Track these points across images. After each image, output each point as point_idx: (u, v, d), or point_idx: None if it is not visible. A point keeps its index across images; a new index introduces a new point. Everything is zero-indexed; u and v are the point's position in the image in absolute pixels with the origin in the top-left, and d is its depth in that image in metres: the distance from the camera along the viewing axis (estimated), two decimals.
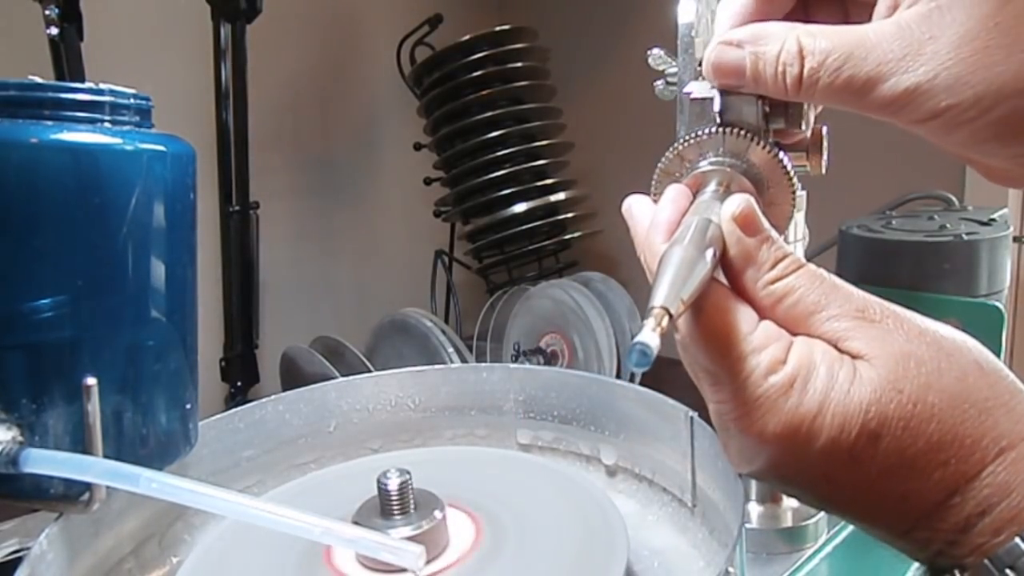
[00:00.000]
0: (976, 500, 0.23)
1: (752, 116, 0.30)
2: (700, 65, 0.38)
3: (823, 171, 0.33)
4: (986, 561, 0.23)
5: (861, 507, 0.25)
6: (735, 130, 0.30)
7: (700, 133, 0.31)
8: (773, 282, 0.26)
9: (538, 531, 0.37)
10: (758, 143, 0.30)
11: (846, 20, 0.30)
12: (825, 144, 0.33)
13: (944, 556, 0.24)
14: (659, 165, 0.32)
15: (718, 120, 0.31)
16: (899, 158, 1.22)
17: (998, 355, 0.50)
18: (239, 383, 1.06)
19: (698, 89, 0.31)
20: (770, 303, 0.26)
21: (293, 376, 0.97)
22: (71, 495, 0.33)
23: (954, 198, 0.67)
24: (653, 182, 0.32)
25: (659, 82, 0.40)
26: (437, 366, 0.49)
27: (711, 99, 0.31)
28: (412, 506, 0.35)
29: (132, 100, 0.34)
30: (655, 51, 0.40)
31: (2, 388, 0.32)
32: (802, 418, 0.24)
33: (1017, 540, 0.22)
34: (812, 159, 0.33)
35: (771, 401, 0.24)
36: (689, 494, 0.40)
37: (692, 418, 0.38)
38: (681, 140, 0.31)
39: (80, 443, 0.32)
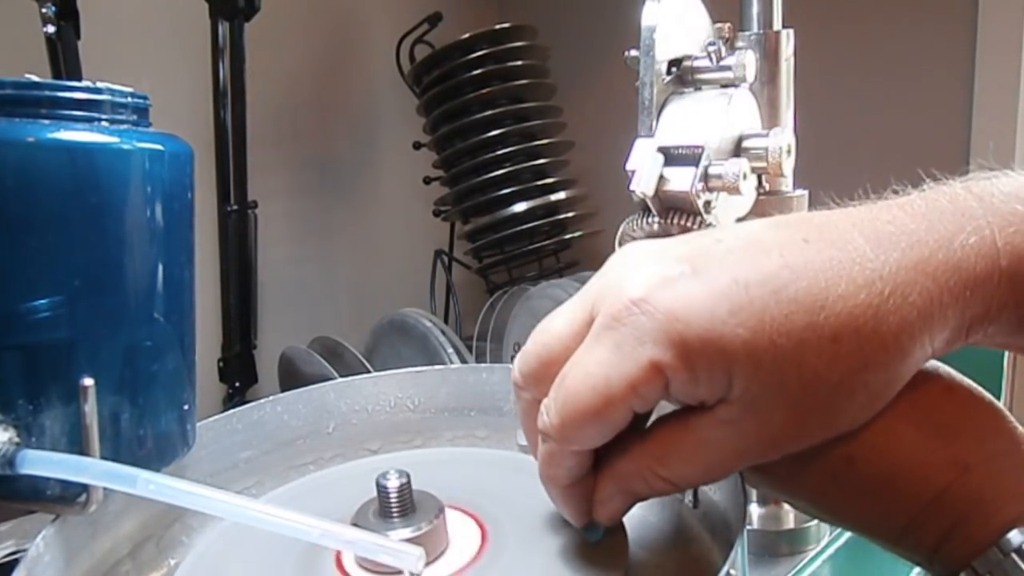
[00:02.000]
0: (950, 512, 0.25)
1: (687, 205, 0.35)
2: (674, 66, 0.40)
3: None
4: (975, 562, 0.24)
5: (852, 517, 0.27)
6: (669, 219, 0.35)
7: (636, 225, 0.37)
8: None
9: (538, 533, 0.36)
10: (688, 222, 0.35)
11: None
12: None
13: (940, 557, 0.25)
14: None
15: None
16: (901, 158, 1.22)
17: (999, 361, 0.50)
18: (237, 384, 1.06)
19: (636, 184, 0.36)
20: None
21: (292, 377, 0.97)
22: (68, 496, 0.32)
23: None
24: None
25: (639, 82, 0.41)
26: (436, 367, 0.49)
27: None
28: (411, 508, 0.35)
29: (129, 99, 0.34)
30: (632, 52, 0.40)
31: None
32: None
33: (1014, 533, 0.24)
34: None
35: None
36: (690, 495, 0.40)
37: None
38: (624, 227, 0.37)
39: (77, 444, 0.32)
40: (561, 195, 1.16)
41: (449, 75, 1.13)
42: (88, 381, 0.31)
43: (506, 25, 1.13)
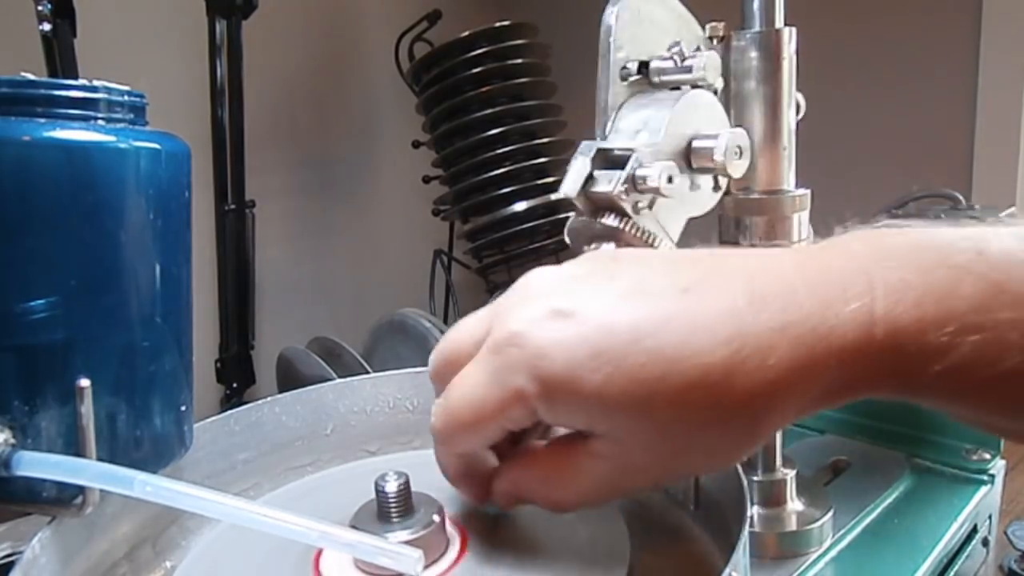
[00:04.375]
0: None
1: (615, 206, 0.37)
2: (643, 67, 0.40)
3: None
4: None
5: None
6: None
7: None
8: None
9: (538, 535, 0.36)
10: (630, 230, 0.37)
11: None
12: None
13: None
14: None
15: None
16: (905, 156, 1.22)
17: None
18: (235, 385, 1.06)
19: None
20: None
21: (290, 378, 0.97)
22: (64, 498, 0.32)
23: (961, 197, 0.67)
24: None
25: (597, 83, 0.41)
26: None
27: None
28: (410, 510, 0.34)
29: (126, 97, 0.34)
30: None
31: None
32: None
33: None
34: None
35: None
36: (691, 497, 0.39)
37: None
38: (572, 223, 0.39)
39: (73, 446, 0.31)
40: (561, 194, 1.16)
41: (448, 73, 1.13)
42: (84, 382, 0.31)
43: (506, 23, 1.13)
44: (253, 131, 1.06)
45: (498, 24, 1.12)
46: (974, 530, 0.51)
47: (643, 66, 0.41)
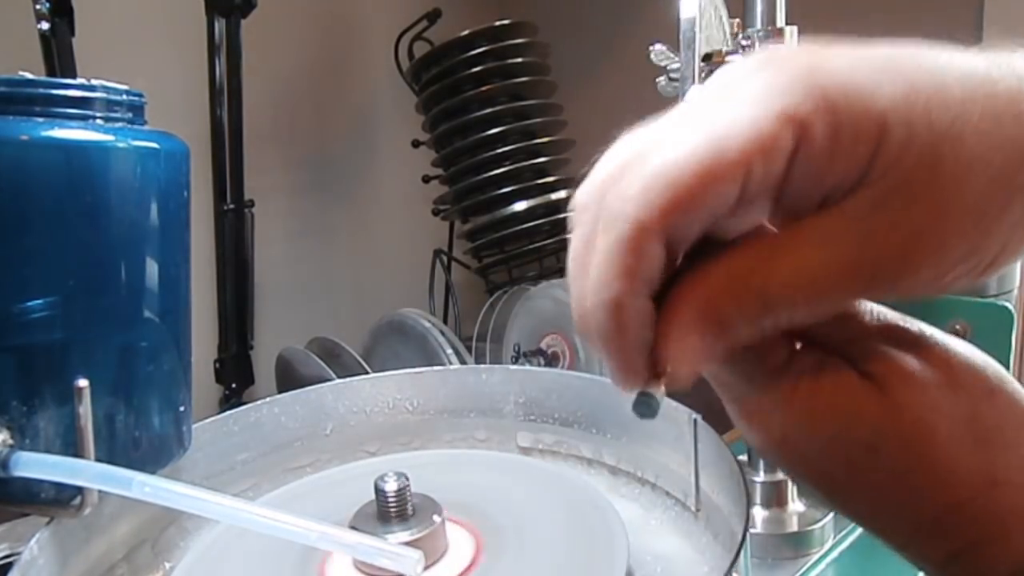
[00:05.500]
0: (968, 529, 0.23)
1: None
2: (703, 61, 0.38)
3: None
4: None
5: (857, 511, 0.25)
6: None
7: None
8: None
9: (538, 536, 0.36)
10: None
11: None
12: None
13: (954, 569, 0.23)
14: None
15: None
16: None
17: (1007, 357, 0.49)
18: (234, 385, 1.05)
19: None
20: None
21: (289, 378, 0.97)
22: (63, 499, 0.32)
23: None
24: None
25: (661, 78, 0.40)
26: (435, 368, 0.49)
27: None
28: (410, 511, 0.34)
29: (125, 96, 0.33)
30: (657, 47, 0.39)
31: None
32: None
33: None
34: None
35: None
36: (693, 498, 0.39)
37: (696, 420, 0.38)
38: None
39: (72, 446, 0.31)
40: (562, 194, 1.15)
41: (448, 72, 1.12)
42: (83, 382, 0.31)
43: (506, 22, 1.12)
44: (252, 130, 1.05)
45: (498, 23, 1.12)
46: None
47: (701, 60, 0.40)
